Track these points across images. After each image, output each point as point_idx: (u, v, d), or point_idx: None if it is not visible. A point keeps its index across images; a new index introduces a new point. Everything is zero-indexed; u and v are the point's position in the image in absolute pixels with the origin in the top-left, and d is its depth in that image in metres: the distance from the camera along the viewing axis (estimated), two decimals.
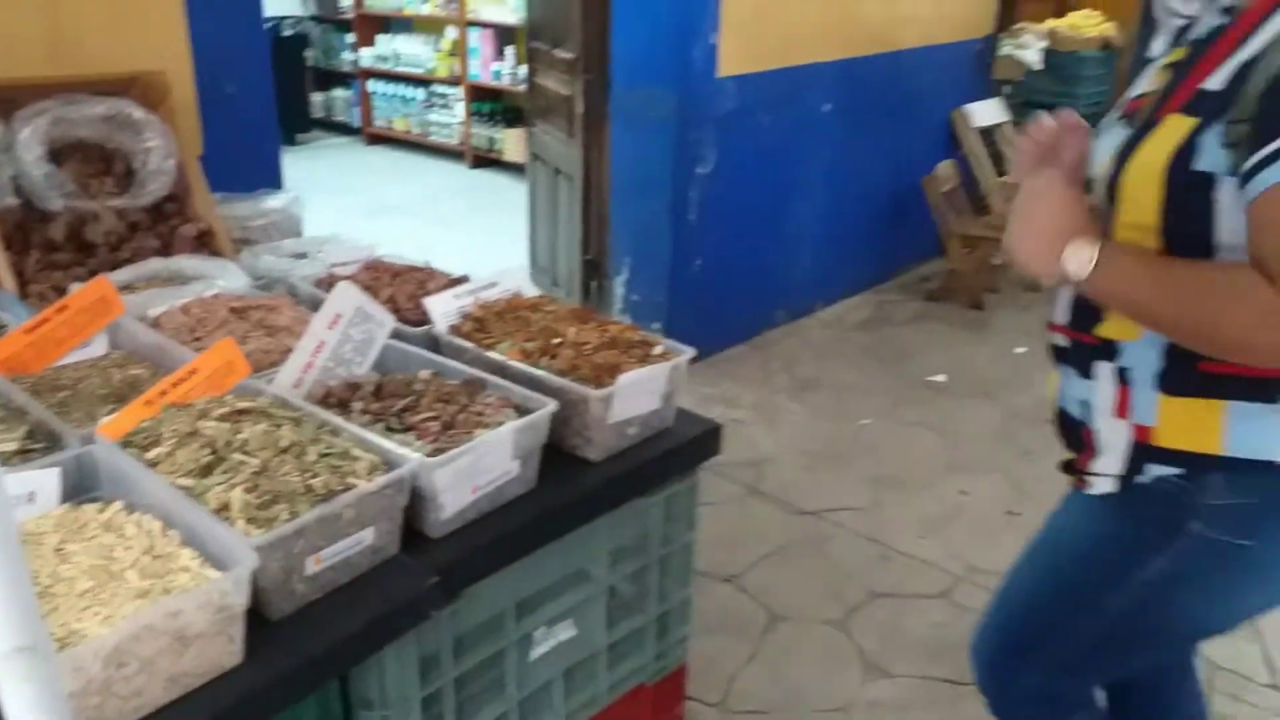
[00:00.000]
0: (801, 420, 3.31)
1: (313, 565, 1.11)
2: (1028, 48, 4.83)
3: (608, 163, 3.51)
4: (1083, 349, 1.19)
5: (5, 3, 1.87)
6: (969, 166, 4.41)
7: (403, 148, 7.05)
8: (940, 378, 3.61)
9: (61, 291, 1.68)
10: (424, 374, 1.42)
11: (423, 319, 1.60)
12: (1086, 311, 1.17)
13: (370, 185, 6.19)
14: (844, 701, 2.10)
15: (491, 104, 6.45)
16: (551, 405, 1.33)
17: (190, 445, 1.17)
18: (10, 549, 0.65)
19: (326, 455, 1.17)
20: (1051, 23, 5.09)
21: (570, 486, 1.39)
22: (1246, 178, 0.96)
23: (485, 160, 6.50)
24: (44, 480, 1.14)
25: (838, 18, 3.72)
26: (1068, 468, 1.28)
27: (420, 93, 6.84)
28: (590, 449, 1.42)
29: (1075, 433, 1.24)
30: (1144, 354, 1.12)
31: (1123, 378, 1.15)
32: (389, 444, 1.22)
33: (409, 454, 1.19)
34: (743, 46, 3.38)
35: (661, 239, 3.44)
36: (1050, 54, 4.78)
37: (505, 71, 6.20)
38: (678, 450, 1.51)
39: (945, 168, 4.21)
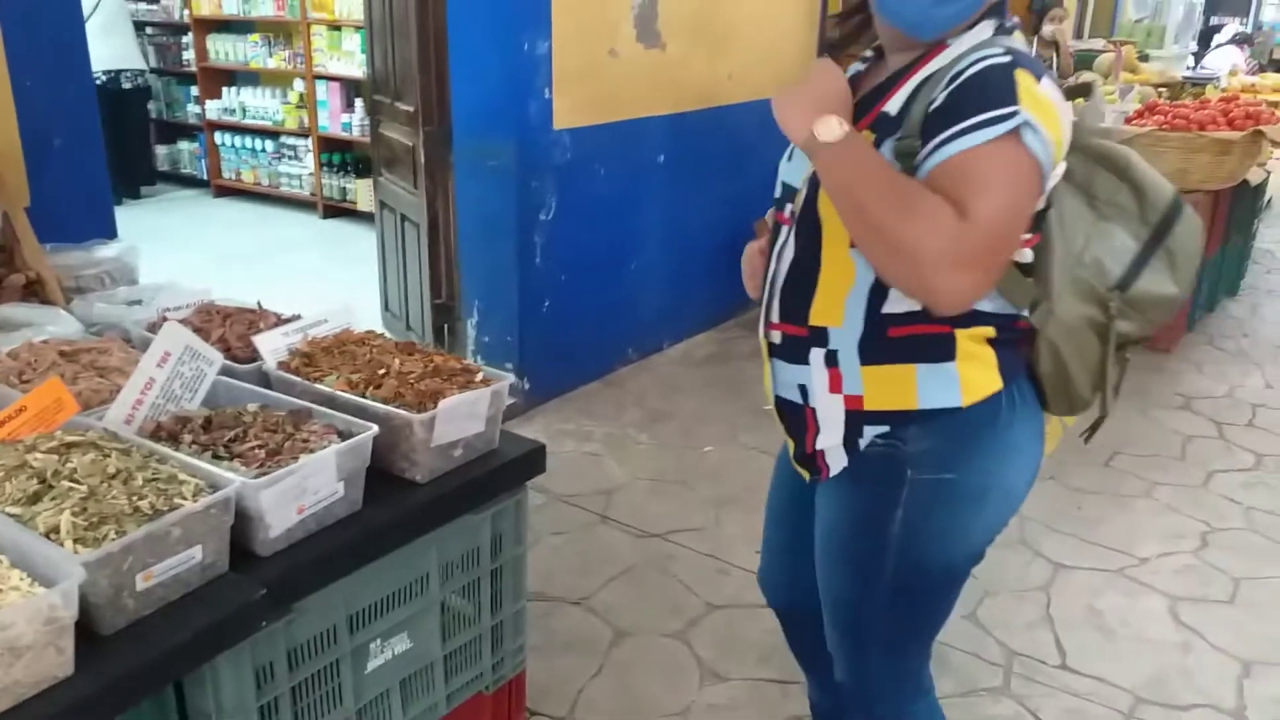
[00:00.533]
0: (650, 450, 3.47)
1: (143, 581, 1.17)
2: None
3: (453, 210, 3.63)
4: (796, 340, 1.38)
5: None
6: None
7: (252, 199, 6.98)
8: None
9: None
10: (252, 406, 1.50)
11: (254, 357, 1.68)
12: (795, 307, 1.37)
13: (220, 237, 6.10)
14: (683, 707, 2.23)
15: (342, 154, 6.48)
16: (373, 429, 1.43)
17: (18, 477, 1.23)
18: None
19: (153, 480, 1.24)
20: None
21: (396, 506, 1.48)
22: (917, 169, 1.21)
23: (337, 210, 6.51)
24: None
25: (666, 75, 3.97)
26: (803, 462, 1.46)
27: (269, 144, 6.81)
28: (416, 471, 1.53)
29: (798, 416, 1.42)
30: (847, 336, 1.33)
31: (833, 359, 1.35)
32: (214, 468, 1.29)
33: (233, 476, 1.27)
34: (576, 101, 3.57)
35: (509, 282, 3.57)
36: None
37: (355, 123, 6.26)
38: (502, 469, 1.63)
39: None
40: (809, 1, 4.79)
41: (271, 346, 1.66)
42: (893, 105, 1.27)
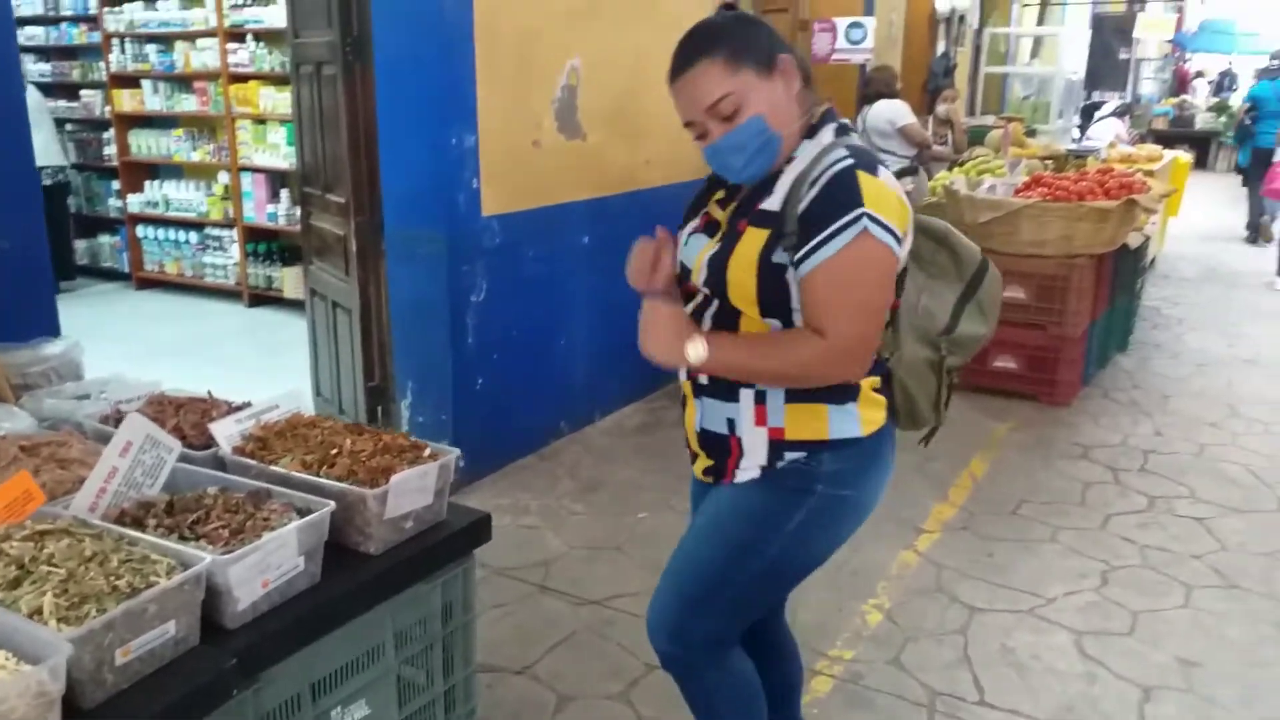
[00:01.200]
0: (585, 520, 3.59)
1: (121, 656, 1.25)
2: None
3: (385, 295, 3.75)
4: (725, 383, 1.64)
5: None
6: None
7: (176, 290, 6.98)
8: None
9: None
10: (212, 490, 1.60)
11: (208, 443, 1.78)
12: None
13: (144, 329, 6.09)
14: None
15: (267, 244, 6.56)
16: (330, 505, 1.55)
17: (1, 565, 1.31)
18: None
19: (128, 561, 1.33)
20: None
21: (352, 578, 1.59)
22: (796, 266, 1.51)
23: (263, 298, 6.56)
24: None
25: (588, 163, 4.19)
26: (710, 472, 1.72)
27: (193, 236, 6.85)
28: (370, 543, 1.63)
29: (722, 444, 1.68)
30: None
31: (761, 398, 1.62)
32: (183, 548, 1.39)
33: (203, 554, 1.37)
34: (503, 189, 3.76)
35: (443, 362, 3.69)
36: None
37: (281, 213, 6.35)
38: (451, 539, 1.75)
39: None
40: None
41: (226, 433, 1.76)
42: (772, 204, 1.56)
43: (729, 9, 1.65)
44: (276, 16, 6.10)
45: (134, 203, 6.95)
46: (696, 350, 1.54)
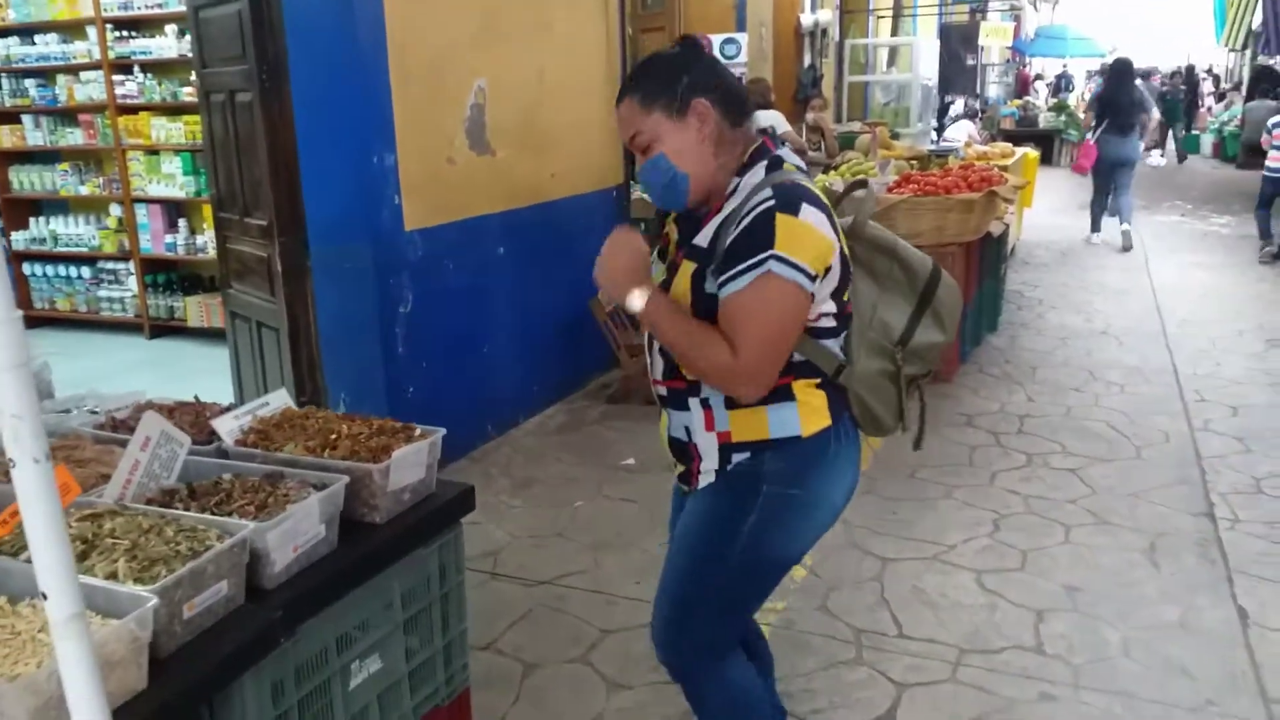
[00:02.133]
0: (524, 512, 3.79)
1: (187, 611, 1.42)
2: None
3: (313, 312, 3.87)
4: (678, 392, 1.79)
5: None
6: None
7: (70, 327, 6.83)
8: (630, 461, 4.25)
9: None
10: (226, 475, 1.77)
11: (208, 440, 1.93)
12: (674, 365, 1.78)
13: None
14: (596, 714, 2.55)
15: (167, 274, 6.50)
16: (344, 478, 1.73)
17: None
18: (61, 543, 1.00)
19: (181, 531, 1.50)
20: None
21: (364, 544, 1.77)
22: (721, 290, 1.66)
23: (166, 329, 6.50)
24: None
25: (499, 177, 4.40)
26: (683, 478, 1.87)
27: (86, 270, 6.72)
28: (376, 514, 1.82)
29: (685, 450, 1.82)
30: (711, 389, 1.75)
31: (706, 404, 1.76)
32: (225, 519, 1.56)
33: (245, 523, 1.55)
34: (423, 204, 3.94)
35: (375, 373, 3.84)
36: None
37: (180, 242, 6.32)
38: (442, 508, 1.95)
39: None
40: (611, 110, 5.37)
41: (228, 428, 1.92)
42: (702, 239, 1.72)
43: (686, 41, 1.83)
44: (165, 47, 6.10)
45: (19, 239, 6.78)
46: (637, 299, 1.67)
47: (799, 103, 9.24)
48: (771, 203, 1.62)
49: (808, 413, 1.74)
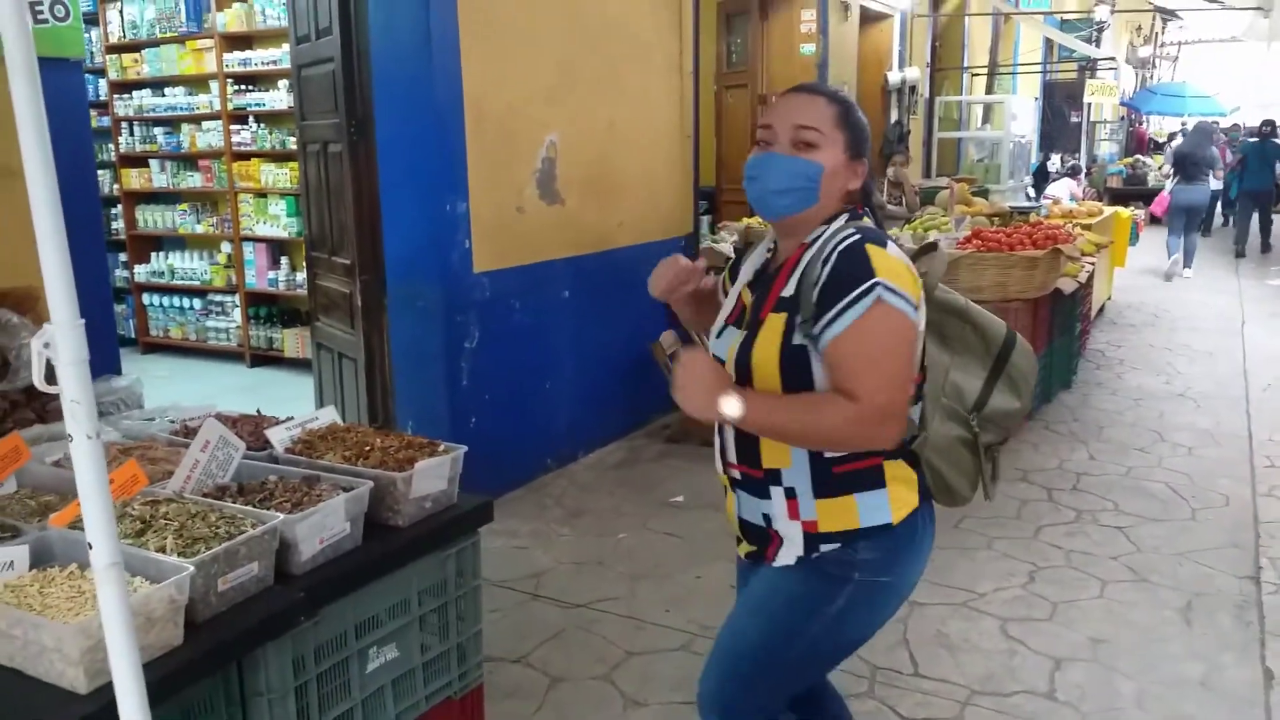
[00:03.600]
0: (571, 540, 3.99)
1: (221, 584, 1.67)
2: (724, 240, 6.05)
3: (388, 346, 4.19)
4: (755, 480, 1.70)
5: None
6: (687, 334, 5.43)
7: (180, 354, 7.39)
8: (679, 498, 4.42)
9: None
10: (272, 477, 2.02)
11: (263, 447, 2.20)
12: (750, 452, 1.70)
13: (154, 389, 6.44)
14: None
15: (268, 307, 7.01)
16: (369, 483, 1.97)
17: (123, 523, 1.72)
18: (106, 504, 1.24)
19: (223, 518, 1.75)
20: (746, 220, 6.44)
21: (386, 543, 2.00)
22: (816, 340, 1.57)
23: (265, 359, 6.98)
24: (18, 553, 1.64)
25: (567, 225, 4.68)
26: (751, 556, 1.80)
27: (197, 302, 7.29)
28: (399, 518, 2.05)
29: (762, 534, 1.74)
30: (798, 475, 1.67)
31: (791, 494, 1.67)
32: (261, 511, 1.81)
33: (278, 514, 1.79)
34: (492, 249, 4.23)
35: (440, 403, 4.12)
36: (742, 245, 6.01)
37: (281, 278, 6.82)
38: (461, 518, 2.16)
39: (667, 336, 5.18)
40: (683, 160, 5.64)
41: (279, 437, 2.19)
42: (788, 289, 1.63)
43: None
44: (277, 100, 6.65)
45: (140, 272, 7.40)
46: (731, 406, 1.54)
47: (883, 159, 9.35)
48: (857, 236, 1.58)
49: (897, 497, 1.67)
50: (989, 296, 5.22)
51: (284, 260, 6.88)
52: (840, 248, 1.57)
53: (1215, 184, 11.70)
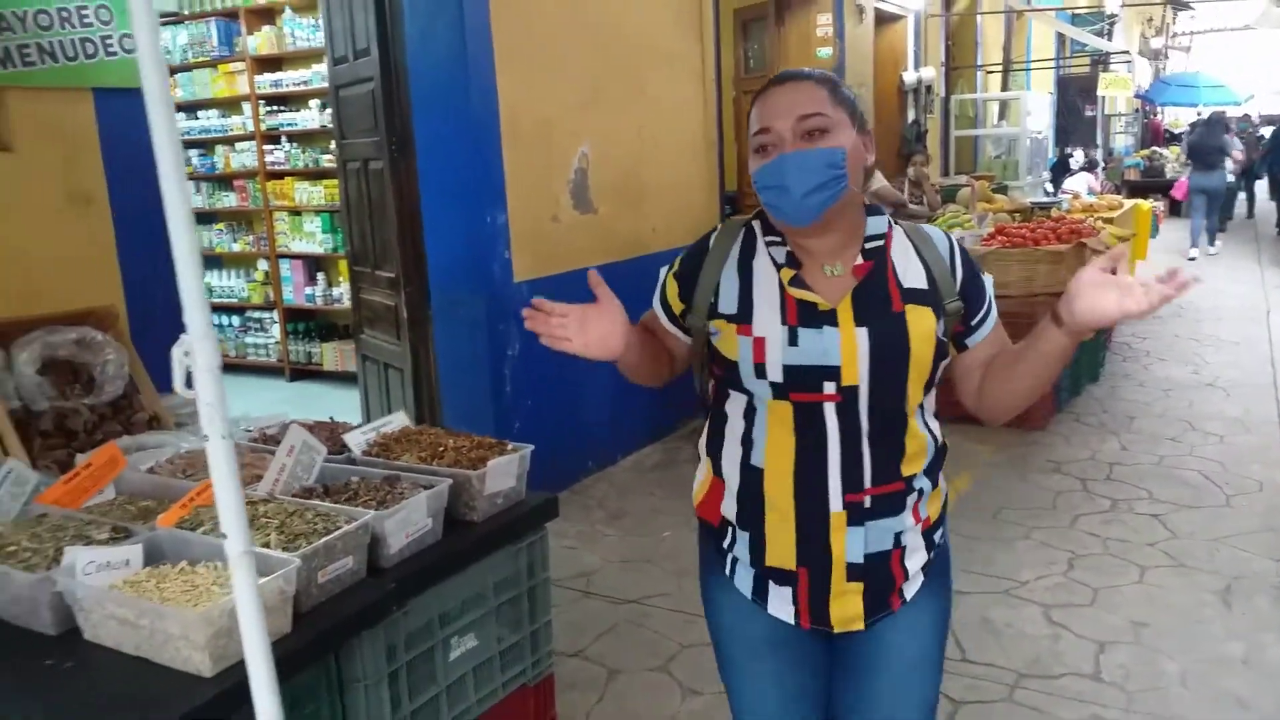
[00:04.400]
0: (616, 540, 4.09)
1: (321, 576, 1.78)
2: None
3: (433, 355, 4.31)
4: (892, 496, 1.51)
5: None
6: None
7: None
8: None
9: (61, 464, 2.28)
10: (354, 478, 2.14)
11: (339, 451, 2.32)
12: (889, 468, 1.50)
13: None
14: (671, 715, 2.81)
15: (306, 323, 7.16)
16: (448, 480, 2.08)
17: None
18: (238, 497, 1.35)
19: (318, 515, 1.86)
20: None
21: (464, 538, 2.11)
22: (962, 338, 1.55)
23: (304, 373, 7.13)
24: (134, 552, 1.76)
25: (599, 233, 4.80)
26: (876, 607, 1.54)
27: (235, 319, 7.45)
28: (474, 513, 2.16)
29: (883, 566, 1.52)
30: (923, 477, 1.56)
31: (920, 495, 1.55)
32: (352, 508, 1.92)
33: (368, 511, 1.90)
34: (531, 258, 4.35)
35: (485, 411, 4.24)
36: None
37: (318, 294, 6.97)
38: (530, 513, 2.27)
39: None
40: (708, 165, 5.75)
41: (356, 441, 2.31)
42: (914, 281, 1.50)
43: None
44: (308, 119, 6.80)
45: None
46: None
47: (903, 158, 9.43)
48: (954, 238, 1.60)
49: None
50: (1015, 292, 5.31)
51: (320, 276, 7.02)
52: (958, 245, 1.57)
53: (1229, 172, 12.48)
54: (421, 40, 4.06)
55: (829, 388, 1.47)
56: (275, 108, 6.98)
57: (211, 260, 7.65)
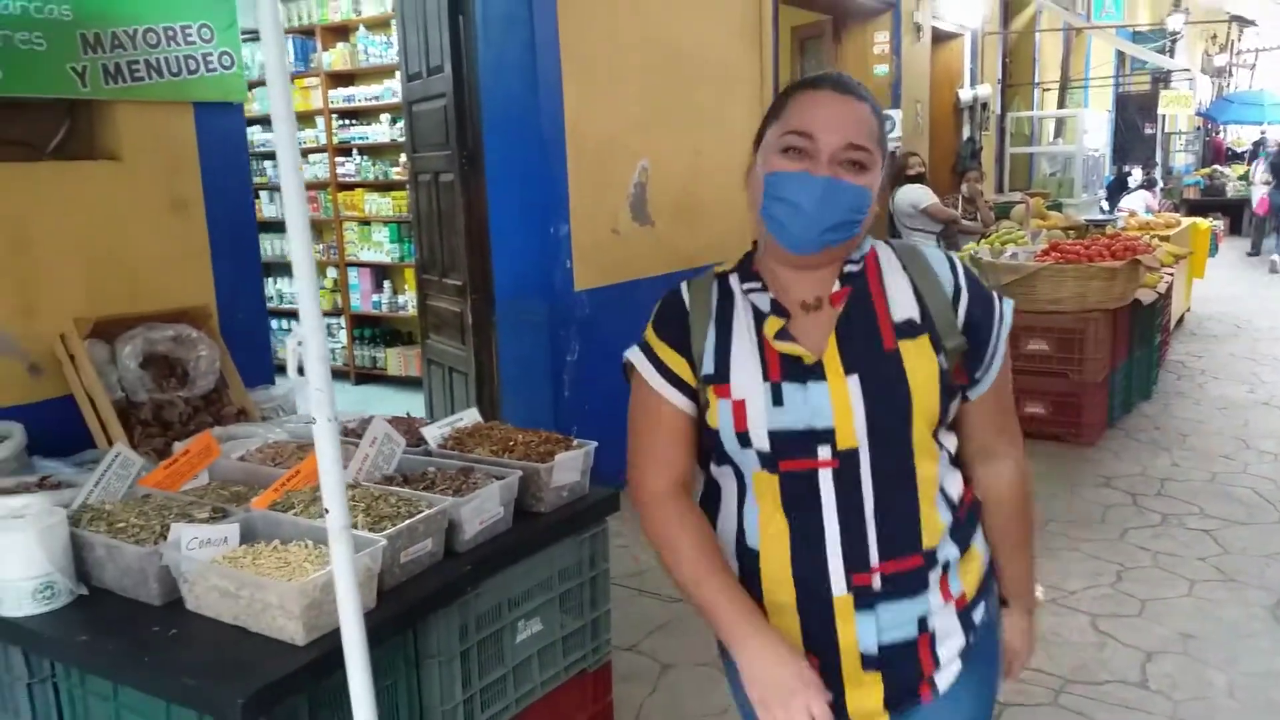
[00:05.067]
0: None
1: (404, 557, 1.93)
2: None
3: (496, 360, 4.48)
4: (910, 574, 1.30)
5: (102, 271, 2.73)
6: None
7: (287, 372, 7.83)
8: None
9: (159, 452, 2.47)
10: (430, 469, 2.29)
11: (416, 444, 2.48)
12: (903, 541, 1.30)
13: None
14: (722, 709, 2.92)
15: (372, 329, 7.40)
16: (519, 472, 2.22)
17: (315, 505, 2.00)
18: (338, 466, 1.50)
19: (402, 501, 2.02)
20: None
21: (531, 527, 2.25)
22: (970, 385, 1.36)
23: (369, 377, 7.37)
24: (231, 530, 1.92)
25: (657, 245, 4.94)
26: (901, 699, 1.33)
27: None
28: (541, 505, 2.30)
29: (907, 655, 1.31)
30: (945, 542, 1.34)
31: (945, 569, 1.33)
32: (432, 495, 2.07)
33: (446, 498, 2.05)
34: (591, 268, 4.51)
35: (545, 413, 4.39)
36: None
37: (384, 301, 7.21)
38: (593, 507, 2.41)
39: None
40: None
41: (432, 435, 2.46)
42: (906, 312, 1.32)
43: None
44: (379, 134, 7.06)
45: None
46: (1037, 593, 1.41)
47: (957, 175, 9.45)
48: (950, 254, 1.41)
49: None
50: (1068, 307, 5.34)
51: (386, 284, 7.26)
52: (960, 266, 1.38)
53: None
54: (493, 58, 4.25)
55: (823, 453, 1.29)
56: (347, 121, 7.24)
57: (282, 268, 7.93)
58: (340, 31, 7.25)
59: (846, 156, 1.29)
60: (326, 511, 1.52)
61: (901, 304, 1.33)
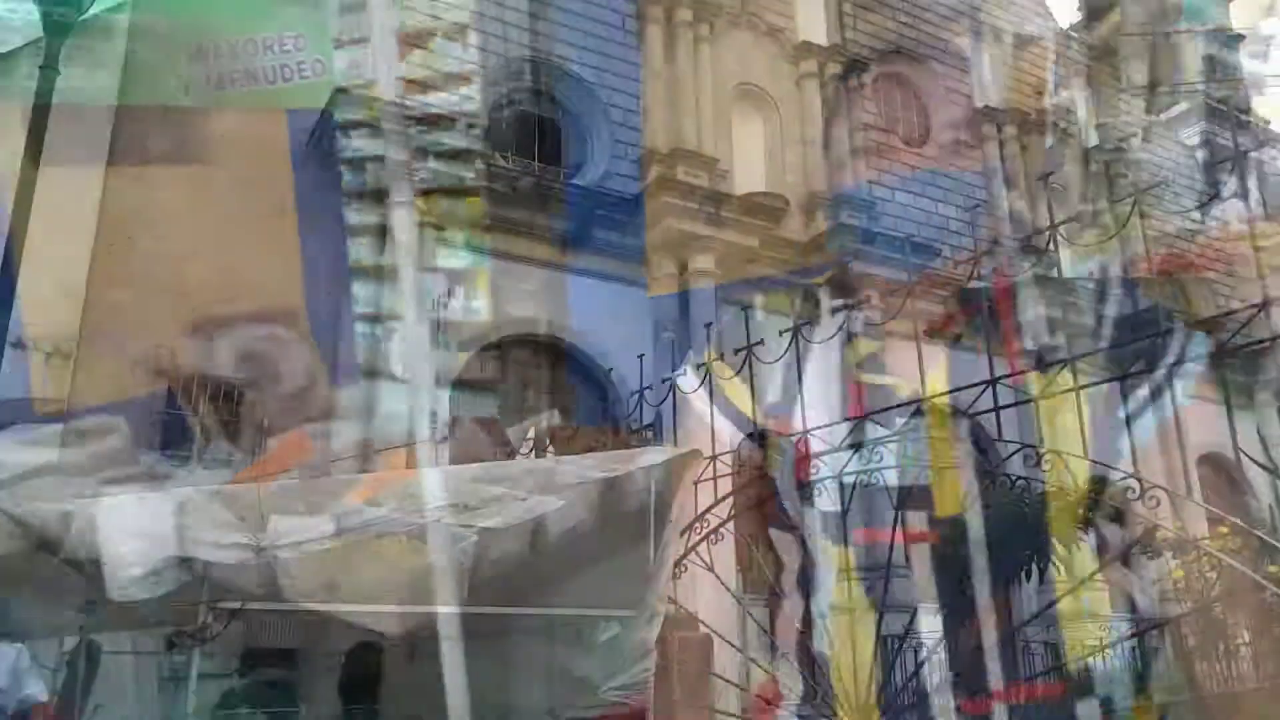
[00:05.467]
0: None
1: (491, 555, 1.95)
2: None
3: None
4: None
5: (201, 272, 2.80)
6: None
7: None
8: None
9: (251, 447, 2.52)
10: (516, 469, 2.31)
11: (503, 445, 2.50)
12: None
13: None
14: None
15: None
16: (601, 475, 2.23)
17: (407, 501, 2.03)
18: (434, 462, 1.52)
19: (492, 499, 2.04)
20: None
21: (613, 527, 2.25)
22: None
23: None
24: (326, 524, 1.97)
25: None
26: None
27: None
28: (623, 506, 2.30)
29: None
30: None
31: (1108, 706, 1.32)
32: (518, 495, 2.09)
33: (535, 498, 2.07)
34: None
35: None
36: None
37: None
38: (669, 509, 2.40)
39: None
40: None
41: (517, 437, 2.49)
42: None
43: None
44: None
45: None
46: None
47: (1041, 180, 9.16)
48: None
49: None
50: None
51: None
52: None
53: None
54: None
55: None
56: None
57: (370, 272, 8.09)
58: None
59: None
60: (424, 506, 1.54)
61: None
